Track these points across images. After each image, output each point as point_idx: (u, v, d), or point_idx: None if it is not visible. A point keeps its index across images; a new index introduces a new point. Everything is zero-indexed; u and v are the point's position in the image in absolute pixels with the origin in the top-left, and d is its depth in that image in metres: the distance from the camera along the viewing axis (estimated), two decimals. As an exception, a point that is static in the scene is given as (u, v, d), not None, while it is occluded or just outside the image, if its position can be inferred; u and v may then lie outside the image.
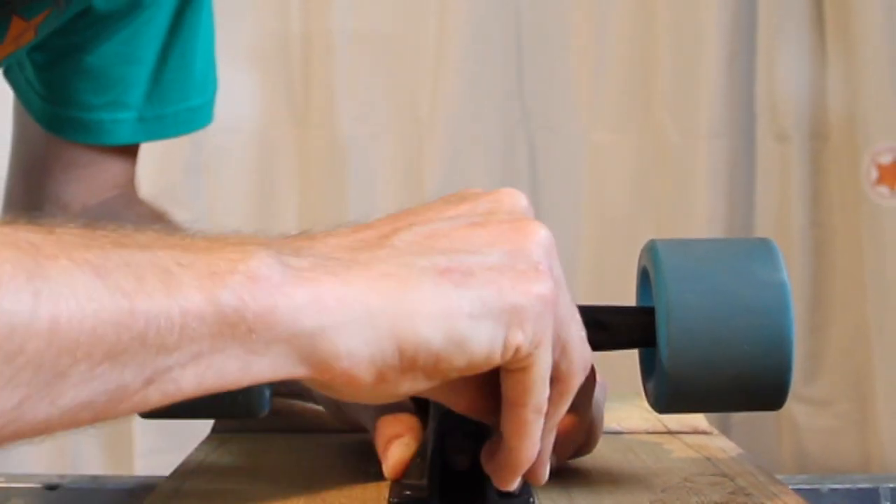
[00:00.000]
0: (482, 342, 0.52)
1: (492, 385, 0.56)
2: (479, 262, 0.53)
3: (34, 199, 1.09)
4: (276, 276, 0.50)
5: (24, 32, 0.93)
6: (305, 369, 0.51)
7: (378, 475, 0.68)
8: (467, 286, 0.52)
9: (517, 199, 0.58)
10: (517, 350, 0.53)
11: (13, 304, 0.45)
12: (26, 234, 0.47)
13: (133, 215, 1.08)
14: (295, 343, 0.50)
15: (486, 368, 0.53)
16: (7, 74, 1.07)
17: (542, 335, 0.54)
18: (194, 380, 0.49)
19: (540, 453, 0.58)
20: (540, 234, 0.55)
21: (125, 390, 0.48)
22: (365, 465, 0.71)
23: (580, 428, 0.73)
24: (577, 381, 0.57)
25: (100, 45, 1.01)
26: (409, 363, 0.51)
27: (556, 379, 0.56)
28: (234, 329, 0.49)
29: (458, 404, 0.58)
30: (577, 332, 0.57)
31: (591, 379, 0.75)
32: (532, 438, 0.56)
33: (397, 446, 0.68)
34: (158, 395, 0.49)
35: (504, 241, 0.54)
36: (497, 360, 0.53)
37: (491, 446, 0.59)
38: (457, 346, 0.52)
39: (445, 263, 0.53)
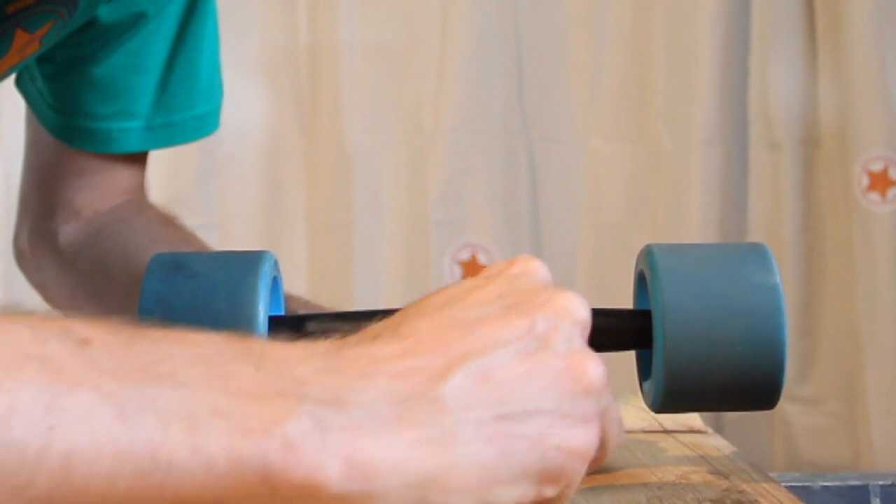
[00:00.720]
0: (511, 501, 0.50)
1: None
2: (528, 415, 0.50)
3: (47, 204, 1.09)
4: (312, 444, 0.45)
5: (28, 44, 0.92)
6: None
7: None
8: (510, 453, 0.49)
9: (574, 309, 0.54)
10: (545, 500, 0.51)
11: (26, 436, 0.42)
12: (57, 346, 0.44)
13: (143, 220, 1.08)
14: None
15: None
16: (19, 85, 1.07)
17: (573, 483, 0.52)
18: None
19: None
20: (593, 376, 0.52)
21: None
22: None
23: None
24: (608, 455, 0.58)
25: (106, 57, 1.01)
26: None
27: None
28: (258, 494, 0.45)
29: None
30: (616, 430, 0.58)
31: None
32: None
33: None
34: None
35: (557, 387, 0.51)
36: None
37: None
38: None
39: (492, 428, 0.49)
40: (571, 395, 0.51)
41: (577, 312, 0.53)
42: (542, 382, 0.51)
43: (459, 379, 0.49)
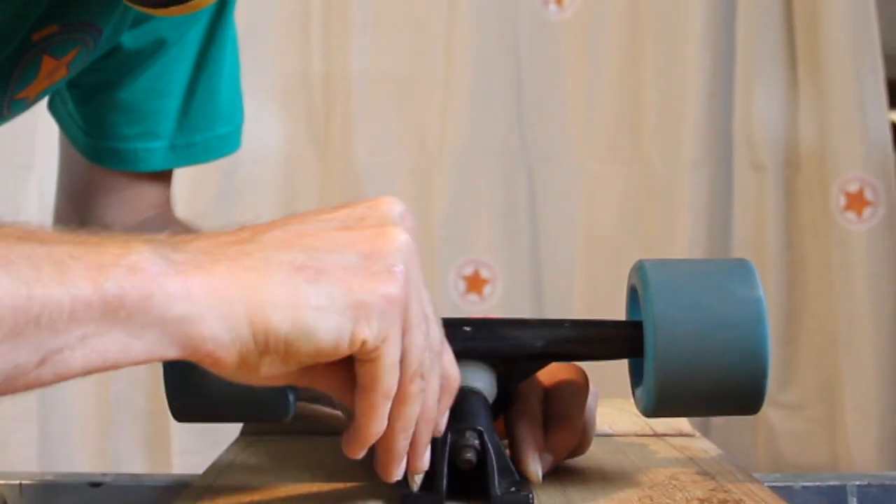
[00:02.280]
0: (328, 332, 0.54)
1: (349, 370, 0.57)
2: (335, 261, 0.55)
3: (80, 220, 1.10)
4: (153, 268, 0.51)
5: (56, 70, 0.93)
6: (177, 351, 0.52)
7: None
8: (318, 282, 0.54)
9: (391, 207, 0.59)
10: (364, 343, 0.54)
11: None
12: None
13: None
14: (167, 328, 0.52)
15: (335, 357, 0.55)
16: (52, 109, 1.08)
17: (389, 331, 0.55)
18: (82, 360, 0.50)
19: (415, 444, 0.60)
20: (399, 240, 0.56)
21: (20, 369, 0.49)
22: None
23: (574, 431, 0.73)
24: (413, 386, 0.58)
25: (131, 82, 1.02)
26: (263, 347, 0.53)
27: (398, 381, 0.57)
28: (116, 314, 0.50)
29: (321, 385, 0.59)
30: (419, 337, 0.57)
31: (584, 386, 0.75)
32: (379, 419, 0.58)
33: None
34: (50, 375, 0.50)
35: (364, 244, 0.56)
36: (345, 350, 0.54)
37: (348, 425, 0.60)
38: (303, 333, 0.53)
39: (302, 261, 0.54)
40: (377, 251, 0.56)
41: (393, 205, 0.59)
42: (351, 240, 0.56)
43: (278, 232, 0.56)
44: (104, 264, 0.51)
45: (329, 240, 0.56)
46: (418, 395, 0.58)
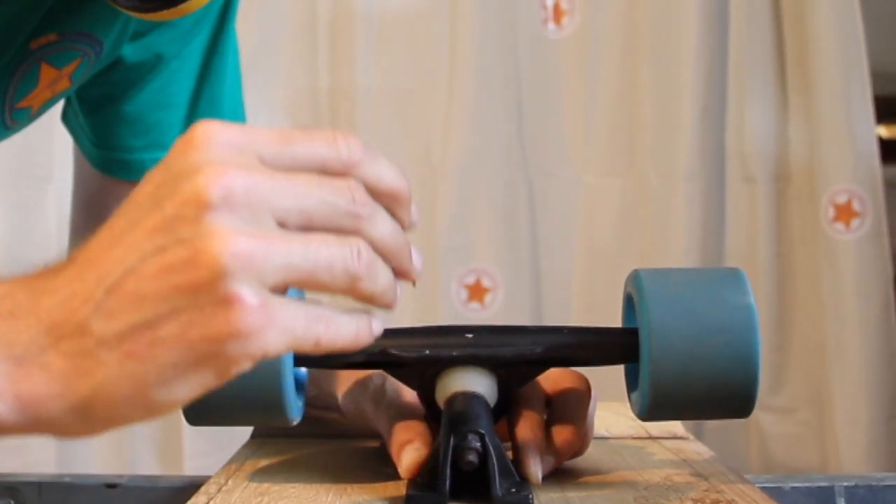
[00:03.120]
0: (189, 393, 0.50)
1: None
2: (164, 317, 0.48)
3: (94, 229, 1.10)
4: None
5: (57, 80, 0.93)
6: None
7: (395, 475, 0.69)
8: (153, 358, 0.48)
9: (200, 189, 0.50)
10: (240, 369, 0.50)
11: None
12: None
13: None
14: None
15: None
16: (65, 121, 1.08)
17: (257, 350, 0.49)
18: None
19: (398, 264, 0.56)
20: (221, 257, 0.48)
21: None
22: (384, 466, 0.71)
23: (578, 435, 0.73)
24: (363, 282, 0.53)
25: (134, 95, 1.01)
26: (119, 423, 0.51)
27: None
28: None
29: None
30: (324, 273, 0.52)
31: (587, 393, 0.75)
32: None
33: (409, 451, 0.68)
34: None
35: (187, 281, 0.48)
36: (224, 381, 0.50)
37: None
38: (158, 409, 0.50)
39: (130, 341, 0.48)
40: (203, 284, 0.48)
41: (202, 192, 0.49)
42: (173, 281, 0.48)
43: (101, 299, 0.50)
44: None
45: (152, 292, 0.49)
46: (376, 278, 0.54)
